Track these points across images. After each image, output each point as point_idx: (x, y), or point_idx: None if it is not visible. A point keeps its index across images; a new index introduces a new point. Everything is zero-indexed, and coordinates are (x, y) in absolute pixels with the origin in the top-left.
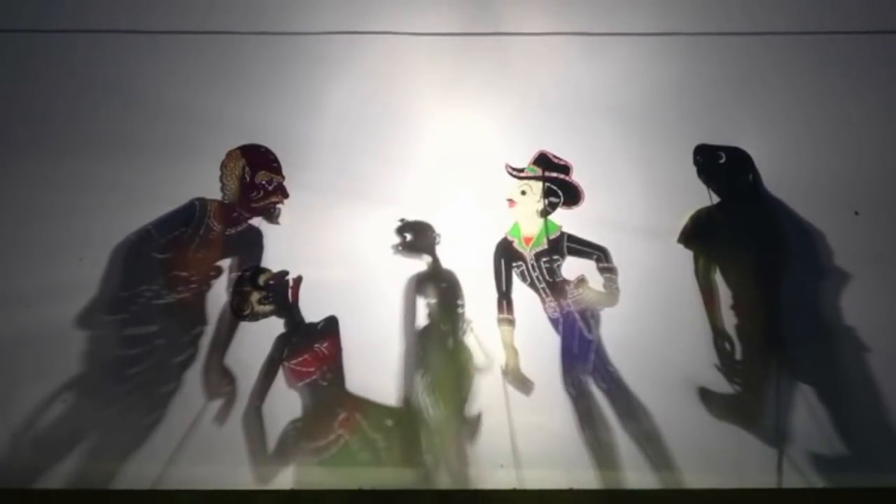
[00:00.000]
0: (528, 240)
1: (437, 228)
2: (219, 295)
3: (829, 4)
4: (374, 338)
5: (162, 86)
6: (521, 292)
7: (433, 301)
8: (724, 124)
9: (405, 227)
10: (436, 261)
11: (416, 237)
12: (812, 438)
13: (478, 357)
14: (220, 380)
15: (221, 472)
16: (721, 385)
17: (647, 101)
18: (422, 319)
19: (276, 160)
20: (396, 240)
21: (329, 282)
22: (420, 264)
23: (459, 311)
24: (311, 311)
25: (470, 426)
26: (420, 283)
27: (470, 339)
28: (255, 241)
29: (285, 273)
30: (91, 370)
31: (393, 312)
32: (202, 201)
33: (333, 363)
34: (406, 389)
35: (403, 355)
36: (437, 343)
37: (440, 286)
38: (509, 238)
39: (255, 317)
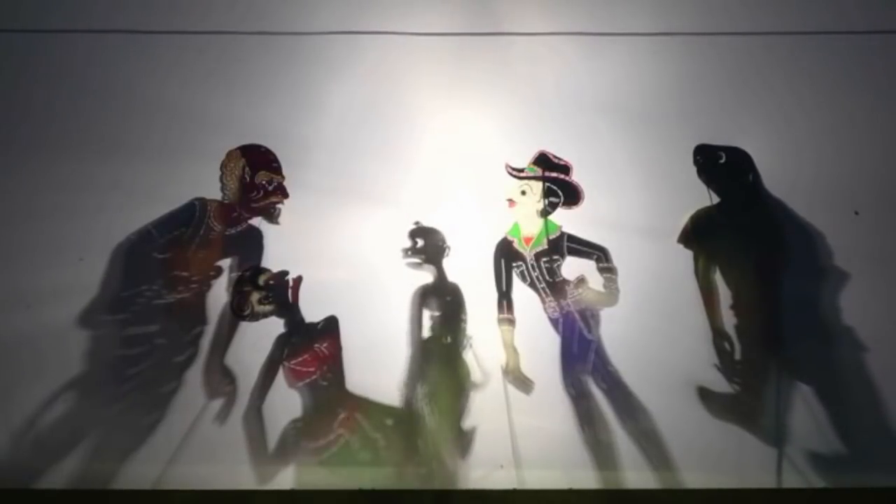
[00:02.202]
0: (528, 240)
1: (446, 237)
2: (219, 295)
3: (829, 4)
4: (375, 337)
5: (162, 86)
6: (521, 292)
7: (437, 314)
8: (724, 124)
9: (418, 231)
10: (442, 273)
11: (427, 244)
12: (811, 438)
13: (475, 374)
14: (221, 379)
15: (221, 472)
16: (721, 385)
17: (647, 101)
18: (425, 331)
19: (276, 160)
20: (407, 243)
21: (329, 282)
22: (426, 275)
23: (462, 325)
24: (311, 311)
25: (466, 437)
26: (425, 295)
27: (469, 356)
28: (255, 241)
29: (285, 273)
30: (91, 370)
31: (393, 312)
32: (202, 201)
33: (333, 363)
34: (407, 397)
35: (406, 363)
36: (438, 356)
37: (444, 299)
38: (509, 238)
39: (255, 317)
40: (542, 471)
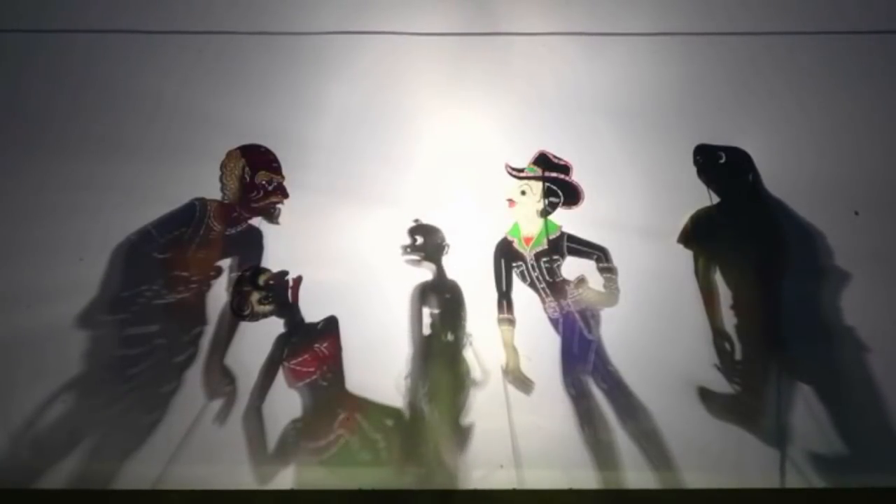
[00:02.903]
0: (528, 240)
1: (445, 235)
2: (219, 295)
3: (829, 4)
4: (374, 338)
5: (162, 86)
6: (521, 292)
7: (436, 311)
8: (724, 124)
9: (417, 228)
10: (441, 271)
11: (427, 241)
12: (812, 438)
13: (475, 371)
14: (221, 379)
15: (221, 472)
16: (721, 385)
17: (647, 101)
18: (425, 328)
19: (276, 160)
20: (407, 241)
21: (329, 282)
22: (426, 273)
23: (462, 323)
24: (311, 311)
25: (465, 435)
26: (424, 293)
27: (469, 353)
28: (255, 241)
29: (285, 273)
30: (91, 370)
31: (393, 312)
32: (202, 201)
33: (333, 363)
34: (407, 395)
35: (407, 361)
36: (438, 354)
37: (444, 297)
38: (509, 238)
39: (255, 317)
40: (542, 471)
